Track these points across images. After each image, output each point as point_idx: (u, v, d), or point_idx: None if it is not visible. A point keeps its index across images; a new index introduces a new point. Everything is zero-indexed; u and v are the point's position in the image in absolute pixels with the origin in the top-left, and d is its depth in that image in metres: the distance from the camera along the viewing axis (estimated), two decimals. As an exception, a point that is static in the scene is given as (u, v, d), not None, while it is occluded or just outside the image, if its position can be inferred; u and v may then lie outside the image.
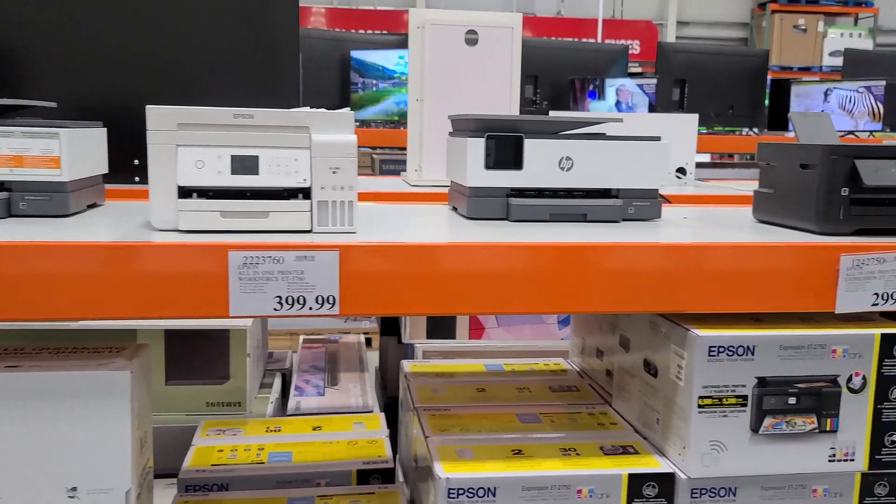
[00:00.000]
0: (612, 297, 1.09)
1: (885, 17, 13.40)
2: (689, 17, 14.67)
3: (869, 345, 1.12)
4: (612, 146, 1.33)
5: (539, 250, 1.06)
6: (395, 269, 1.03)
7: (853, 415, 1.13)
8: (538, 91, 5.24)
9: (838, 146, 1.20)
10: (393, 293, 1.03)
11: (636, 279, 1.10)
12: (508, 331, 1.88)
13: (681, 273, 1.10)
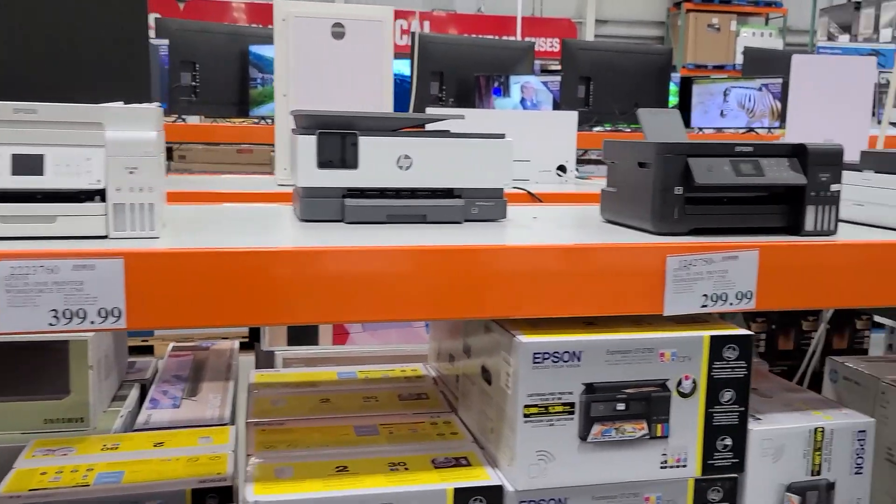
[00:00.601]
0: (435, 303, 1.04)
1: (793, 18, 13.79)
2: (607, 16, 14.84)
3: (698, 347, 1.09)
4: (453, 144, 1.28)
5: (334, 255, 0.99)
6: (192, 277, 0.95)
7: (684, 419, 1.10)
8: (444, 88, 5.19)
9: (671, 144, 1.17)
10: (190, 303, 0.96)
11: (465, 283, 1.04)
12: (374, 336, 1.82)
13: (513, 276, 1.05)
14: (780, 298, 1.13)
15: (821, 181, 1.19)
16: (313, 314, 1.00)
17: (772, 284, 1.12)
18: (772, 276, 1.12)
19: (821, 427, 1.15)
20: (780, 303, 1.14)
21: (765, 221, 1.20)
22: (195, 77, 4.48)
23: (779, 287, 1.12)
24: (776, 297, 1.13)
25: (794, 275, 1.13)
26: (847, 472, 1.17)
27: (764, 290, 1.12)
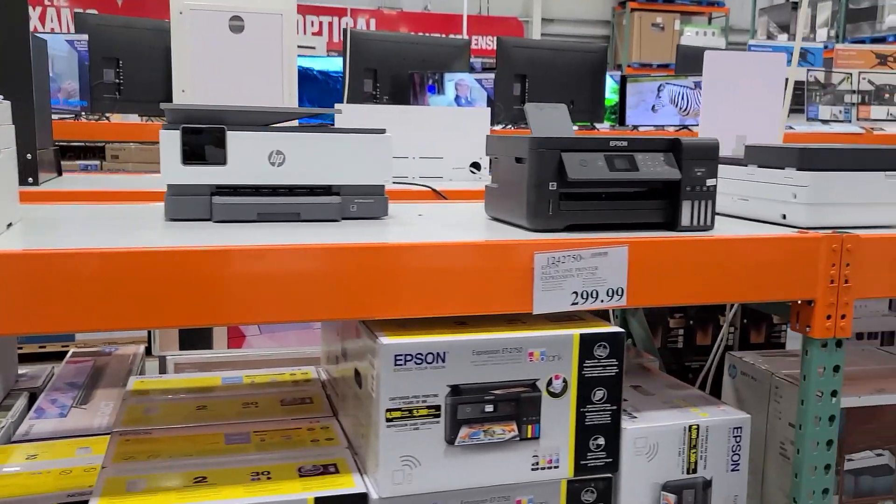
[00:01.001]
0: (295, 305, 1.00)
1: (735, 17, 13.99)
2: (553, 15, 14.91)
3: (568, 346, 1.07)
4: (329, 139, 1.24)
5: (177, 255, 0.95)
6: (15, 279, 0.90)
7: (555, 420, 1.08)
8: (378, 85, 5.15)
9: (544, 138, 1.14)
10: (14, 307, 0.90)
11: (330, 283, 1.00)
12: (272, 338, 1.77)
13: (380, 276, 1.02)
14: (652, 294, 1.11)
15: (696, 176, 1.18)
16: (155, 318, 0.95)
17: (644, 280, 1.10)
18: (643, 272, 1.10)
19: (695, 424, 1.13)
20: (652, 299, 1.12)
21: (643, 217, 1.19)
22: (119, 74, 4.36)
23: (651, 283, 1.10)
24: (648, 293, 1.11)
25: (667, 270, 1.11)
26: (723, 469, 1.16)
27: (636, 287, 1.09)
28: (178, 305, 0.94)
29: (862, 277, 1.17)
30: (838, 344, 1.19)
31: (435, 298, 1.03)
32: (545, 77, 5.46)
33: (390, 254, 1.02)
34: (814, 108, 5.56)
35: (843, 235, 1.16)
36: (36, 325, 0.90)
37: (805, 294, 1.17)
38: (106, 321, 0.94)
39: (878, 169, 1.26)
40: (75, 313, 0.92)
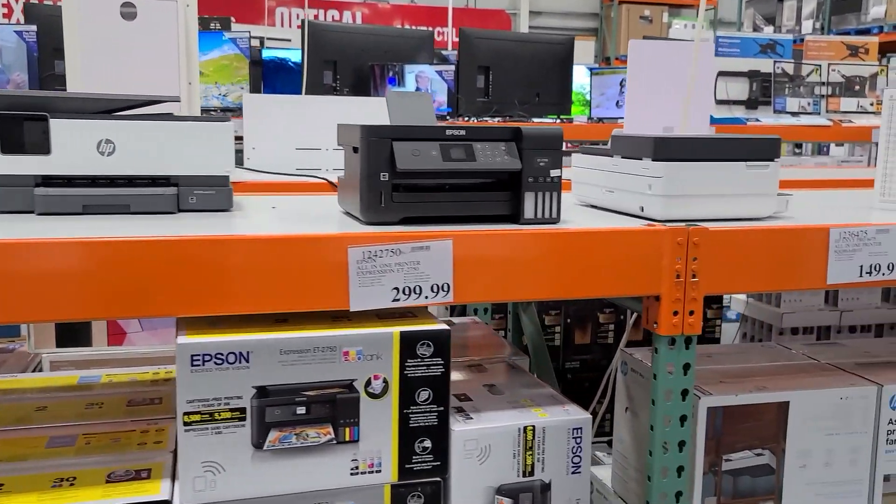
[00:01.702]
0: (106, 301, 0.94)
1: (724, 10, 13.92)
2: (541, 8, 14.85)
3: (387, 345, 1.02)
4: (164, 127, 1.19)
5: None
6: None
7: (376, 422, 1.03)
8: (338, 77, 5.09)
9: (376, 127, 1.09)
10: None
11: (137, 278, 0.95)
12: (154, 335, 1.72)
13: (191, 270, 0.96)
14: (485, 290, 1.06)
15: (538, 167, 1.12)
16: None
17: (475, 275, 1.05)
18: (474, 266, 1.05)
19: (531, 425, 1.09)
20: (485, 294, 1.07)
21: (484, 209, 1.13)
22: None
23: (484, 278, 1.05)
24: (481, 288, 1.05)
25: (501, 264, 1.06)
26: (563, 471, 1.11)
27: (466, 282, 1.04)
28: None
29: (711, 272, 1.13)
30: (687, 341, 1.14)
31: (248, 295, 0.98)
32: (509, 69, 5.40)
33: (208, 247, 0.97)
34: (781, 100, 5.50)
35: (690, 228, 1.11)
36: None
37: (650, 289, 1.12)
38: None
39: (739, 159, 1.21)
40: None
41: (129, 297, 0.95)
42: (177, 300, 0.96)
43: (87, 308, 0.95)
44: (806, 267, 1.16)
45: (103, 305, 0.95)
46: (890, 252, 1.19)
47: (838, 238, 1.16)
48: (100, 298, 0.94)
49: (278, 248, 0.99)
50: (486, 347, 1.43)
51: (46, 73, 4.30)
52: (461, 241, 1.04)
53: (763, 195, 1.22)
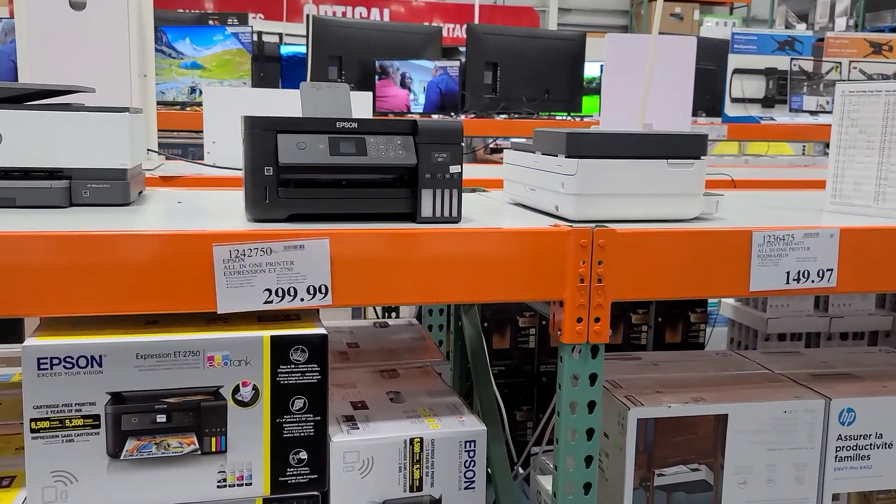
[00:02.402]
0: None
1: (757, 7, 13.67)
2: (570, 5, 14.70)
3: (257, 350, 0.96)
4: (54, 118, 1.14)
5: None
6: None
7: (246, 432, 0.97)
8: (343, 73, 5.04)
9: (260, 118, 1.03)
10: None
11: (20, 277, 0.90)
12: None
13: (45, 270, 0.91)
14: (367, 293, 0.99)
15: (436, 162, 1.06)
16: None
17: (354, 277, 0.98)
18: (354, 267, 0.98)
19: (418, 437, 1.02)
20: (366, 298, 1.00)
21: (379, 207, 1.07)
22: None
23: (364, 280, 0.99)
24: (361, 291, 0.99)
25: (382, 266, 0.99)
26: (455, 487, 1.04)
27: (344, 284, 0.98)
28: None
29: (619, 277, 1.05)
30: (594, 350, 1.06)
31: (111, 295, 0.93)
32: (518, 65, 5.32)
33: (61, 244, 0.92)
34: (798, 98, 5.35)
35: (595, 230, 1.04)
36: None
37: (552, 294, 1.04)
38: None
39: (661, 157, 1.13)
40: None
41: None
42: (32, 300, 0.91)
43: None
44: (726, 273, 1.08)
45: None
46: (820, 257, 1.10)
47: (762, 242, 1.08)
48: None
49: (143, 245, 0.93)
50: (410, 352, 1.37)
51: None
52: (340, 241, 0.97)
53: (687, 195, 1.14)
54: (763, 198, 1.55)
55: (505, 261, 1.03)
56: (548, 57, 5.49)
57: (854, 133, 1.32)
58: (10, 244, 0.89)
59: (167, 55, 4.70)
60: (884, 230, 1.12)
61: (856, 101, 1.32)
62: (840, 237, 1.11)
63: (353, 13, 12.12)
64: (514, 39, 5.44)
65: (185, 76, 4.68)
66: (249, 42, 4.64)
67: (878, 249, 1.12)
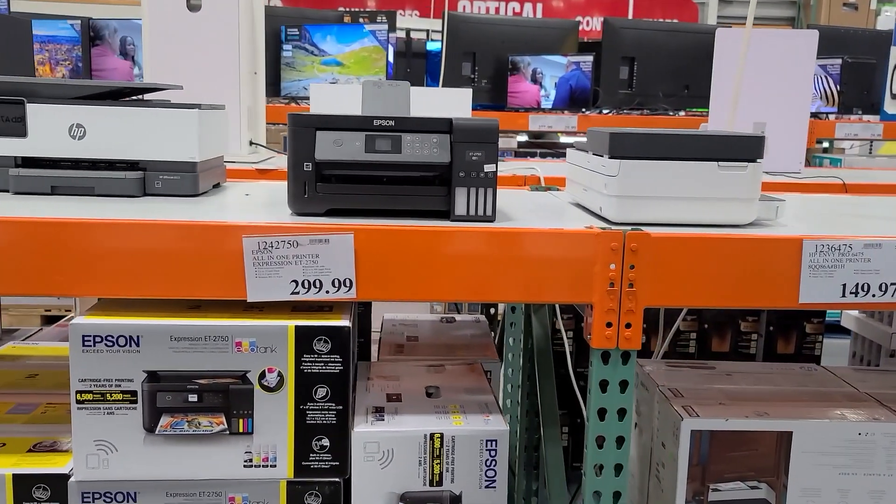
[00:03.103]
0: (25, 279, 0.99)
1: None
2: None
3: (282, 338, 1.00)
4: (130, 113, 1.23)
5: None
6: None
7: (271, 416, 1.01)
8: (476, 69, 5.09)
9: (302, 115, 1.07)
10: None
11: (57, 259, 0.99)
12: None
13: (107, 255, 0.99)
14: (392, 288, 1.01)
15: (471, 161, 1.06)
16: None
17: (379, 272, 1.01)
18: (379, 263, 1.01)
19: (438, 433, 1.03)
20: (391, 292, 1.02)
21: (415, 204, 1.09)
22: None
23: (389, 275, 1.01)
24: (387, 286, 1.01)
25: (408, 262, 1.01)
26: (476, 485, 1.04)
27: (368, 278, 1.00)
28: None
29: (653, 282, 1.02)
30: (625, 356, 1.04)
31: (152, 280, 0.99)
32: (656, 60, 5.18)
33: (123, 231, 0.99)
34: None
35: (628, 233, 1.01)
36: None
37: (581, 297, 1.03)
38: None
39: (710, 159, 1.09)
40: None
41: (36, 276, 0.99)
42: (85, 281, 0.99)
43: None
44: (772, 282, 1.03)
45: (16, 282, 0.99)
46: (883, 270, 1.03)
47: (814, 251, 1.02)
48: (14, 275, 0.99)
49: (181, 234, 1.00)
50: (465, 348, 1.38)
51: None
52: (365, 236, 1.00)
53: (740, 200, 1.09)
54: (860, 205, 1.45)
55: (533, 261, 1.02)
56: (688, 51, 5.31)
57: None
58: (66, 230, 0.98)
59: (310, 52, 4.90)
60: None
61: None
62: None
63: (505, 9, 12.14)
64: (652, 33, 5.30)
65: (326, 72, 4.85)
66: (385, 39, 4.76)
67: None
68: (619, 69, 5.18)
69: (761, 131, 2.18)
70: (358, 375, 1.23)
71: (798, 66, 2.18)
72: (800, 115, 2.19)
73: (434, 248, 1.01)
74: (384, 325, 1.51)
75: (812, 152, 5.12)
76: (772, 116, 2.17)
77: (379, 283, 1.01)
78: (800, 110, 2.19)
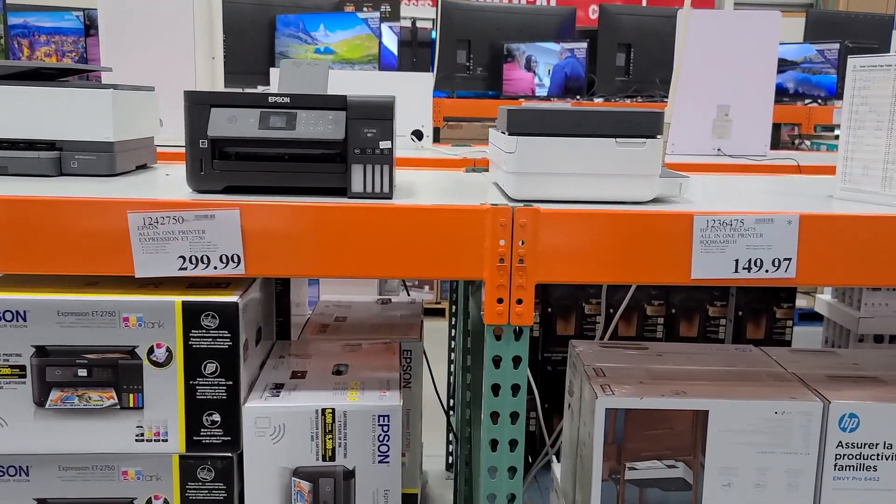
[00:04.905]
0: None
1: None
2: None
3: (169, 314, 1.00)
4: (42, 93, 1.24)
5: None
6: None
7: (161, 391, 1.02)
8: (471, 56, 5.07)
9: (197, 93, 1.07)
10: None
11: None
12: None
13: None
14: (281, 264, 1.02)
15: (366, 137, 1.06)
16: None
17: (267, 248, 1.01)
18: (267, 239, 1.01)
19: (329, 408, 1.03)
20: (280, 269, 1.02)
21: (312, 181, 1.09)
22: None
23: (278, 251, 1.01)
24: (276, 262, 1.01)
25: (298, 239, 1.01)
26: (369, 459, 1.05)
27: (257, 255, 1.01)
28: None
29: (542, 258, 1.01)
30: (517, 332, 1.04)
31: (44, 256, 1.00)
32: (653, 46, 5.14)
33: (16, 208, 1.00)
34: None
35: (516, 209, 1.01)
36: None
37: (473, 273, 1.02)
38: None
39: (609, 135, 1.08)
40: None
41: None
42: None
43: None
44: (664, 258, 1.02)
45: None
46: (776, 245, 1.01)
47: (705, 227, 1.01)
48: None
49: (71, 211, 1.00)
50: (390, 329, 1.38)
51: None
52: (252, 212, 1.00)
53: (639, 176, 1.08)
54: (784, 183, 1.43)
55: (425, 237, 1.02)
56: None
57: (864, 112, 1.20)
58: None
59: (303, 41, 4.91)
60: (852, 217, 1.02)
61: (867, 76, 1.19)
62: (803, 224, 1.01)
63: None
64: (650, 20, 5.26)
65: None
66: (378, 27, 4.75)
67: (844, 238, 1.01)
68: (615, 56, 5.14)
69: (725, 114, 2.16)
70: (272, 353, 1.23)
71: (761, 47, 2.15)
72: (764, 98, 2.16)
73: (323, 225, 1.01)
74: (317, 306, 1.51)
75: (811, 137, 5.07)
76: (736, 99, 2.15)
77: (268, 259, 1.01)
78: (764, 92, 2.16)
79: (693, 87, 2.16)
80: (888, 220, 1.03)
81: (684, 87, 2.18)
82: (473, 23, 5.00)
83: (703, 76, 2.16)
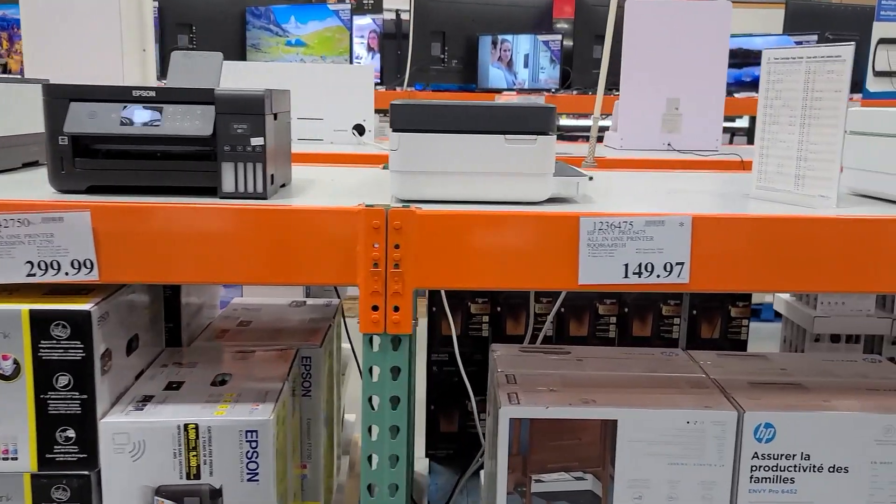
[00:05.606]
0: None
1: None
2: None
3: (16, 323, 0.94)
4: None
5: None
6: None
7: (11, 406, 0.95)
8: (446, 48, 5.00)
9: (55, 86, 1.00)
10: None
11: None
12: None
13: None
14: (138, 270, 0.95)
15: (236, 134, 0.99)
16: None
17: (123, 253, 0.94)
18: (122, 243, 0.94)
19: (193, 424, 0.97)
20: (137, 275, 0.95)
21: (182, 180, 1.02)
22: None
23: (135, 256, 0.94)
24: (133, 267, 0.94)
25: (157, 243, 0.94)
26: (237, 477, 0.98)
27: (112, 260, 0.94)
28: None
29: (420, 263, 0.94)
30: (395, 342, 0.97)
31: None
32: (630, 39, 5.04)
33: None
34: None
35: (390, 210, 0.94)
36: None
37: (346, 279, 0.96)
38: None
39: (497, 131, 1.01)
40: None
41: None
42: None
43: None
44: (550, 263, 0.95)
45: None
46: (667, 249, 0.95)
47: (592, 229, 0.94)
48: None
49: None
50: (293, 334, 1.31)
51: (171, 46, 4.54)
52: (106, 214, 0.94)
53: (530, 175, 1.01)
54: (711, 181, 1.37)
55: (298, 240, 0.95)
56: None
57: (778, 106, 1.13)
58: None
59: (274, 33, 4.83)
60: (749, 220, 0.95)
61: (780, 69, 1.12)
62: (696, 227, 0.94)
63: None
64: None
65: (290, 53, 4.78)
66: (349, 19, 4.67)
67: (742, 241, 0.95)
68: (592, 48, 5.07)
69: (675, 108, 2.09)
70: (156, 362, 1.17)
71: (712, 39, 2.08)
72: (716, 91, 2.09)
73: (186, 227, 0.94)
74: (226, 309, 1.45)
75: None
76: (686, 92, 2.08)
77: (124, 264, 0.94)
78: (716, 86, 2.09)
79: (642, 80, 2.09)
80: (792, 222, 0.96)
81: (633, 79, 2.11)
82: (448, 15, 4.93)
83: (653, 68, 2.09)
